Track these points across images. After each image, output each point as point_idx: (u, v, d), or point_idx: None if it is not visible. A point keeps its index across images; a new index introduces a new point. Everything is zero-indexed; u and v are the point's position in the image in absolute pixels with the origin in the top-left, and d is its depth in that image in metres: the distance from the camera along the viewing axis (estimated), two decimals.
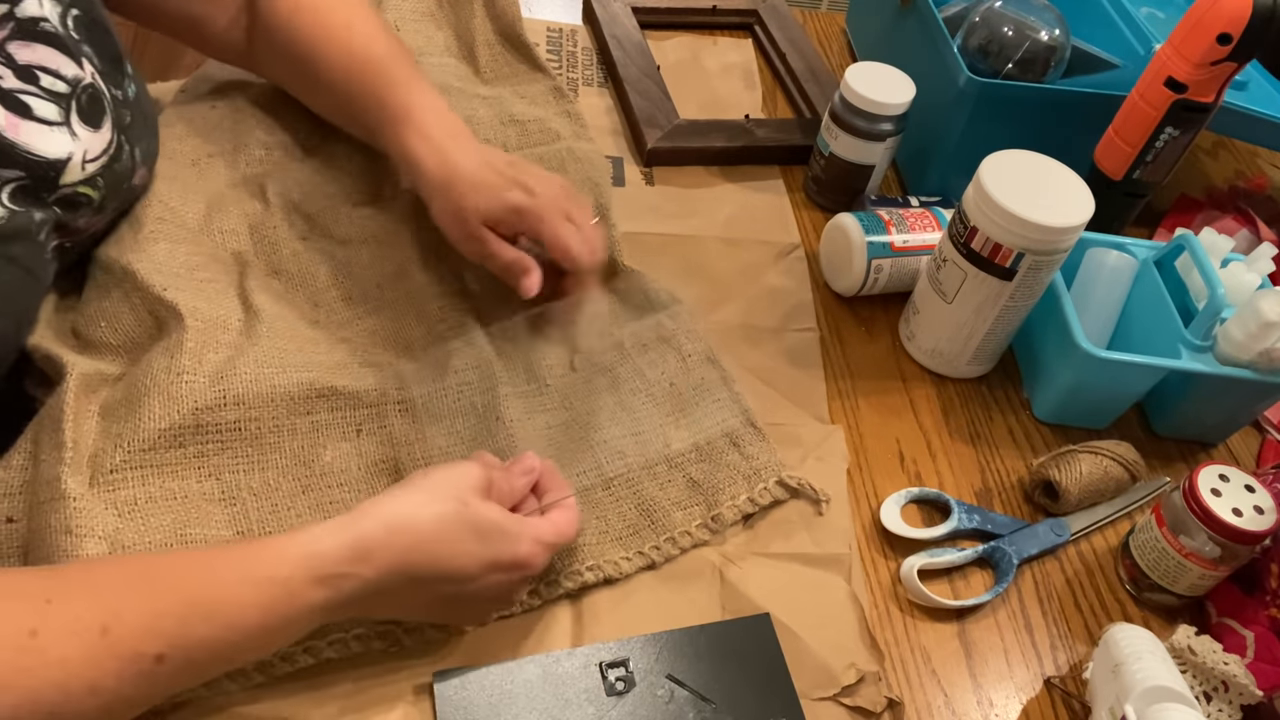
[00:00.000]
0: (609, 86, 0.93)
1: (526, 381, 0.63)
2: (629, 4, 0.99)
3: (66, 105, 0.54)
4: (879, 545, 0.62)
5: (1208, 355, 0.66)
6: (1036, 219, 0.61)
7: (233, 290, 0.61)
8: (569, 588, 0.55)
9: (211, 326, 0.57)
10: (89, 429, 0.52)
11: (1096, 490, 0.64)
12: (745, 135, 0.87)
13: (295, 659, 0.50)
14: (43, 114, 0.52)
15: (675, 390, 0.65)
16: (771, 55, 1.00)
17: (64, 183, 0.54)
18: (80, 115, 0.54)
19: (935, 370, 0.73)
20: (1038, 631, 0.60)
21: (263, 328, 0.58)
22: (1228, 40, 0.66)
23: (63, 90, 0.53)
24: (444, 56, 0.84)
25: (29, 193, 0.52)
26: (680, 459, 0.61)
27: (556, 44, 0.96)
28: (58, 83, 0.53)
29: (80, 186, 0.55)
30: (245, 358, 0.55)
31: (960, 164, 0.74)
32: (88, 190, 0.56)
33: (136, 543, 0.49)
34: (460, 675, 0.51)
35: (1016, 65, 0.83)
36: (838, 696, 0.53)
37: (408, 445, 0.57)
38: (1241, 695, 0.54)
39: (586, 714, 0.51)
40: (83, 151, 0.54)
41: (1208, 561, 0.57)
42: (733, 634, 0.55)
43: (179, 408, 0.52)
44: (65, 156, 0.53)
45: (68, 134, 0.53)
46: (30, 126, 0.52)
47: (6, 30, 0.51)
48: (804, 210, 0.85)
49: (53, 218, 0.54)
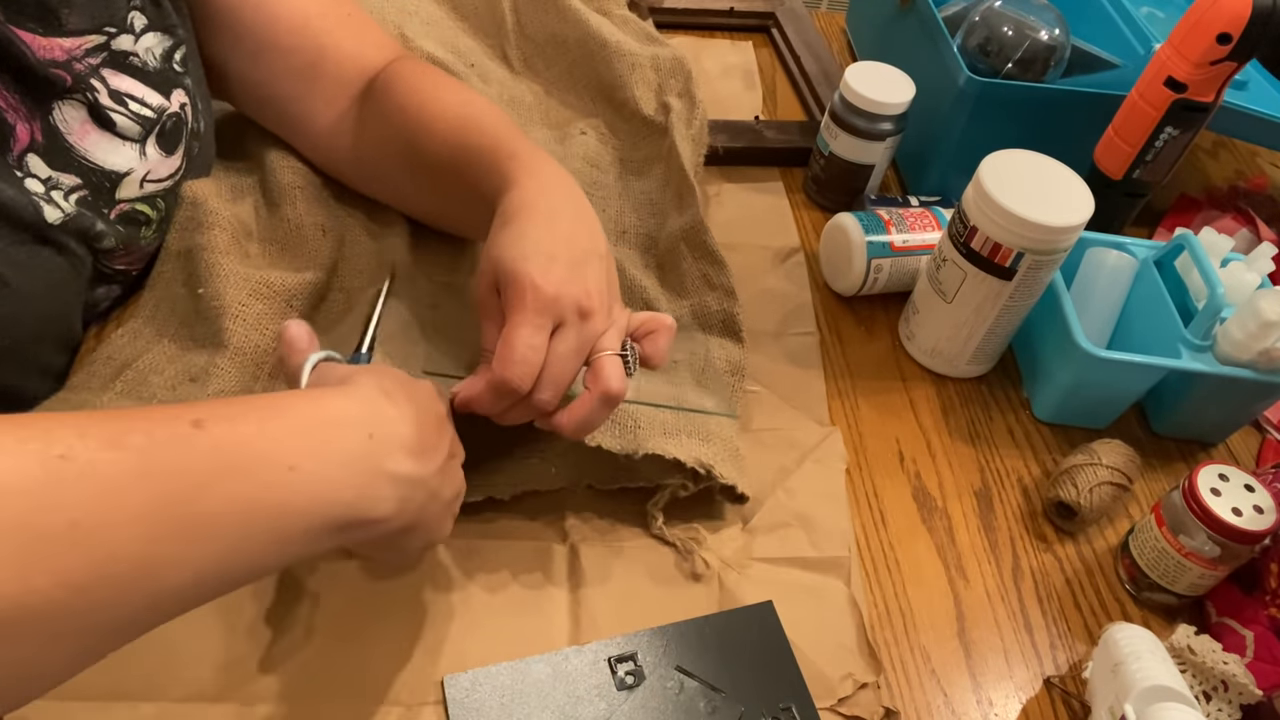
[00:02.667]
0: None
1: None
2: (647, 5, 0.99)
3: (149, 128, 0.59)
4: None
5: (1207, 355, 0.66)
6: (1036, 219, 0.61)
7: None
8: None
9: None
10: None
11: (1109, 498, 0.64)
12: (752, 136, 0.87)
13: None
14: (123, 131, 0.57)
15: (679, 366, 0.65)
16: (786, 57, 1.01)
17: (120, 197, 0.58)
18: (159, 140, 0.59)
19: (935, 370, 0.73)
20: (1037, 631, 0.60)
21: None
22: (1227, 40, 0.66)
23: (148, 115, 0.59)
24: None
25: (89, 205, 0.56)
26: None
27: None
28: (144, 109, 0.58)
29: (139, 204, 0.59)
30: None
31: (960, 164, 0.74)
32: (146, 209, 0.60)
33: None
34: (470, 676, 0.51)
35: (1016, 65, 0.83)
36: (834, 707, 0.53)
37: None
38: (1241, 695, 0.54)
39: (598, 710, 0.51)
40: (146, 171, 0.59)
41: (1207, 561, 0.57)
42: (737, 623, 0.55)
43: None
44: (125, 170, 0.58)
45: (137, 152, 0.58)
46: (100, 137, 0.56)
47: (100, 59, 0.56)
48: (804, 210, 0.85)
49: (115, 235, 0.58)
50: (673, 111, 0.79)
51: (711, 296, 0.69)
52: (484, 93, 0.84)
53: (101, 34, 0.56)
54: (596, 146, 0.80)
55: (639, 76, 0.82)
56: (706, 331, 0.69)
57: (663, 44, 0.87)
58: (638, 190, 0.77)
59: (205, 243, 0.62)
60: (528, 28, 0.89)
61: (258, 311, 0.61)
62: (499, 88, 0.85)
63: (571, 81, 0.87)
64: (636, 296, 0.70)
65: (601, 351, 0.50)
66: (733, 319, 0.68)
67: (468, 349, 0.62)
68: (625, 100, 0.82)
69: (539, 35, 0.88)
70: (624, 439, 0.58)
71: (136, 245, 0.61)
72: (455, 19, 0.89)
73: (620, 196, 0.77)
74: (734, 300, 0.69)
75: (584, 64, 0.86)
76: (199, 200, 0.63)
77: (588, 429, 0.52)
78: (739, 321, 0.68)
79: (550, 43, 0.88)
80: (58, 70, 0.53)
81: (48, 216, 0.53)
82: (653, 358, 0.54)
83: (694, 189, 0.73)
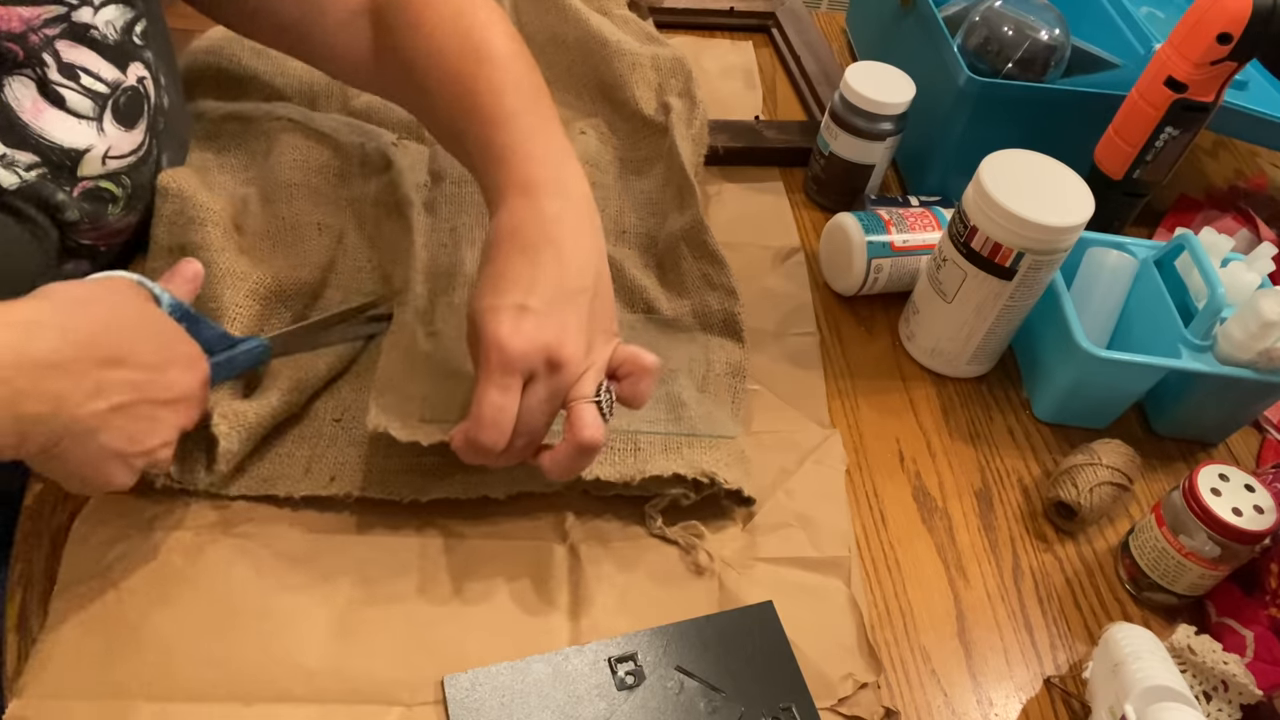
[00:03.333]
0: None
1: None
2: (647, 4, 0.99)
3: (102, 104, 0.56)
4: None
5: (1208, 355, 0.66)
6: (1036, 219, 0.61)
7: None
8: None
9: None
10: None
11: (1109, 498, 0.64)
12: (752, 135, 0.87)
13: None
14: (74, 106, 0.55)
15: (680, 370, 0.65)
16: (786, 57, 1.01)
17: (83, 174, 0.56)
18: (115, 115, 0.57)
19: (935, 370, 0.73)
20: (1037, 631, 0.60)
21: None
22: (1228, 40, 0.66)
23: (101, 90, 0.56)
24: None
25: (50, 180, 0.54)
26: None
27: None
28: (97, 84, 0.56)
29: (102, 181, 0.57)
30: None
31: (960, 164, 0.74)
32: (110, 186, 0.58)
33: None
34: (470, 676, 0.51)
35: (1016, 65, 0.83)
36: (834, 707, 0.53)
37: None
38: (1241, 695, 0.54)
39: (598, 710, 0.51)
40: (106, 147, 0.56)
41: (1207, 561, 0.57)
42: (737, 623, 0.55)
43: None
44: (85, 147, 0.55)
45: (94, 129, 0.56)
46: (55, 115, 0.54)
47: (58, 30, 0.54)
48: (804, 210, 0.85)
49: (79, 210, 0.56)
50: (673, 111, 0.79)
51: (712, 296, 0.69)
52: None
53: (61, 4, 0.54)
54: (597, 146, 0.80)
55: (639, 76, 0.82)
56: (707, 331, 0.69)
57: (663, 44, 0.87)
58: (638, 190, 0.77)
59: (200, 241, 0.61)
60: (528, 27, 0.89)
61: (254, 311, 0.61)
62: None
63: (571, 81, 0.87)
64: (637, 297, 0.70)
65: (576, 400, 0.50)
66: (734, 318, 0.68)
67: (465, 382, 0.56)
68: (625, 100, 0.82)
69: (539, 35, 0.88)
70: (622, 466, 0.58)
71: (105, 222, 0.59)
72: None
73: (620, 196, 0.77)
74: (735, 300, 0.69)
75: (584, 63, 0.86)
76: (185, 194, 0.62)
77: (572, 472, 0.52)
78: (740, 321, 0.68)
79: (550, 42, 0.88)
80: (10, 44, 0.52)
81: (2, 182, 0.52)
82: (632, 401, 0.53)
83: (694, 188, 0.73)
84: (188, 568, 0.53)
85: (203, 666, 0.50)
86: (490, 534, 0.58)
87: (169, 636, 0.51)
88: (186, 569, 0.53)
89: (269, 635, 0.52)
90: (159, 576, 0.53)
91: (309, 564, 0.55)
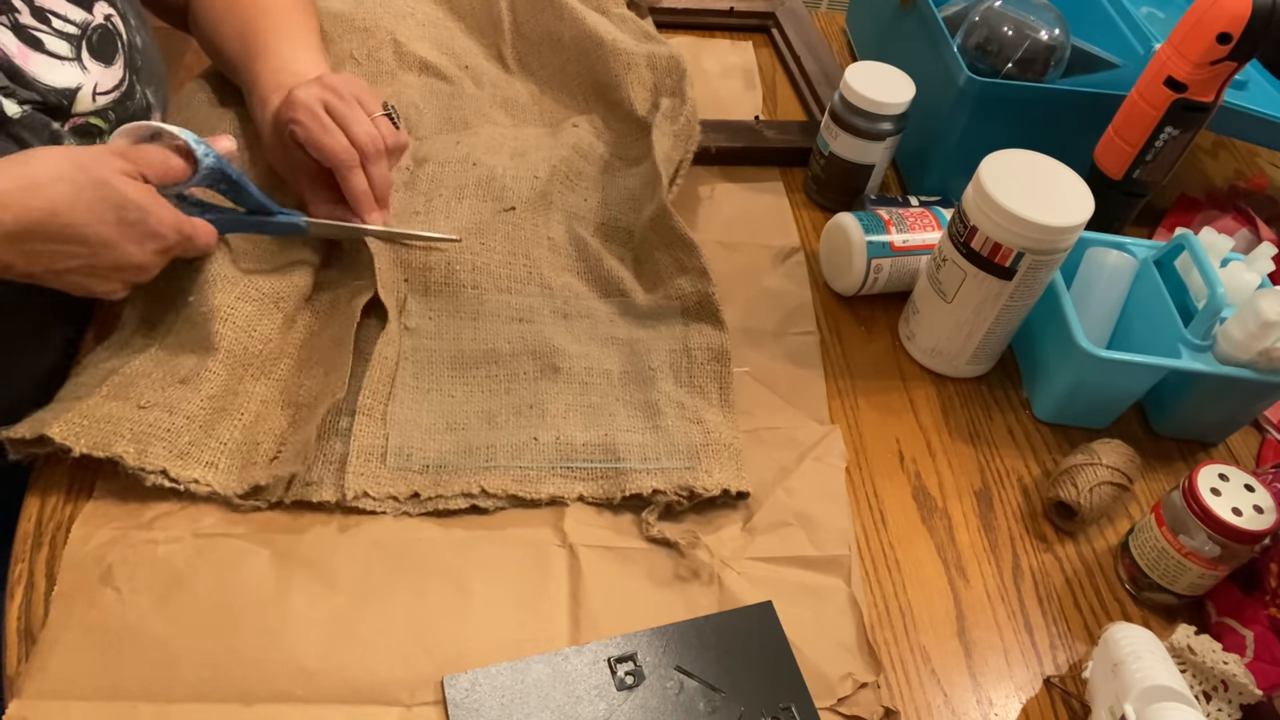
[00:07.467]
0: None
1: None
2: (647, 4, 0.99)
3: (77, 44, 0.60)
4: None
5: (1207, 355, 0.66)
6: (1036, 218, 0.61)
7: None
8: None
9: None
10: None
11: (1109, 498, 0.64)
12: (752, 135, 0.87)
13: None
14: (53, 49, 0.58)
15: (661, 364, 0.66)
16: (786, 57, 1.01)
17: (76, 111, 0.60)
18: (91, 52, 0.61)
19: (935, 370, 0.73)
20: (1037, 631, 0.60)
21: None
22: (1227, 40, 0.66)
23: (72, 31, 0.60)
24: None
25: (44, 113, 0.58)
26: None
27: None
28: (67, 25, 0.59)
29: (92, 117, 0.61)
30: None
31: (960, 163, 0.74)
32: (99, 122, 0.61)
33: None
34: (470, 676, 0.51)
35: (1016, 65, 0.83)
36: (834, 707, 0.53)
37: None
38: (1241, 694, 0.54)
39: (598, 710, 0.51)
40: (94, 84, 0.60)
41: (1207, 561, 0.57)
42: (737, 623, 0.55)
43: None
44: (75, 86, 0.59)
45: (78, 67, 0.59)
46: (40, 59, 0.57)
47: None
48: (804, 210, 0.85)
49: (72, 141, 0.60)
50: (660, 109, 0.79)
51: (685, 279, 0.69)
52: (477, 96, 0.83)
53: None
54: (588, 139, 0.80)
55: (634, 76, 0.82)
56: (685, 316, 0.69)
57: (660, 42, 0.87)
58: (620, 184, 0.77)
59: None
60: (524, 26, 0.89)
61: (247, 314, 0.61)
62: (493, 89, 0.85)
63: (565, 80, 0.87)
64: (614, 288, 0.70)
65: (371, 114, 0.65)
66: (709, 299, 0.68)
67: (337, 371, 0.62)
68: (619, 100, 0.82)
69: (535, 34, 0.88)
70: (605, 484, 0.60)
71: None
72: (452, 18, 0.89)
73: (602, 189, 0.77)
74: (708, 280, 0.69)
75: (578, 62, 0.86)
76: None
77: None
78: (715, 301, 0.68)
79: (545, 41, 0.88)
80: None
81: (7, 110, 0.55)
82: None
83: (660, 176, 0.73)
84: (188, 568, 0.54)
85: (202, 667, 0.50)
86: (490, 535, 0.58)
87: (169, 636, 0.51)
88: (186, 569, 0.53)
89: (269, 635, 0.52)
90: (159, 576, 0.53)
91: (309, 564, 0.55)
